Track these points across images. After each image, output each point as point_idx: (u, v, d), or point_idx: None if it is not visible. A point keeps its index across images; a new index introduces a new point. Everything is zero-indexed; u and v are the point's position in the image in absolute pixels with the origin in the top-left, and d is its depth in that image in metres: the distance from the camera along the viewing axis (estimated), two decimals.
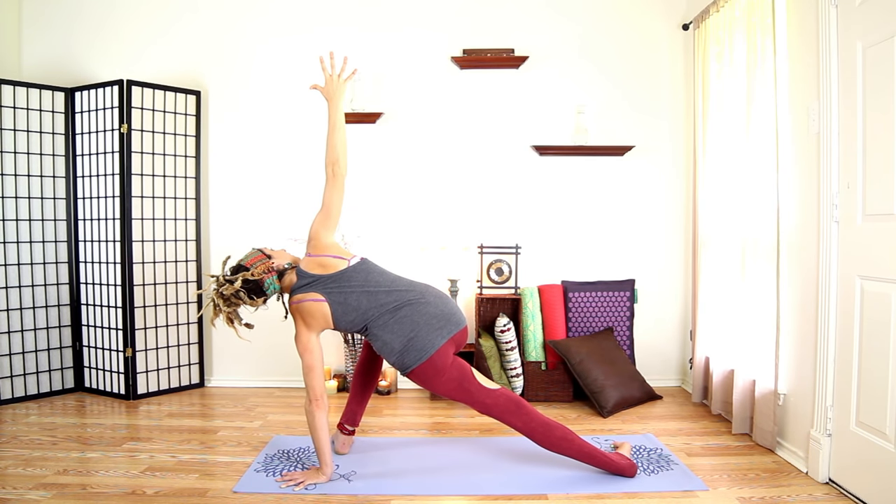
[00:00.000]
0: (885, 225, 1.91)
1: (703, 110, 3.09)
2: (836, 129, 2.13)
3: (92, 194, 3.27)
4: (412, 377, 2.15)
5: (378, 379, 2.58)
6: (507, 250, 3.40)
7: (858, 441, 2.02)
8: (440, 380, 2.12)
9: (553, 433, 2.15)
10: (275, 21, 3.48)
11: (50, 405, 3.13)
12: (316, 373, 2.12)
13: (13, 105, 3.15)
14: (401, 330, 2.12)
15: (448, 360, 2.13)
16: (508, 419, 2.15)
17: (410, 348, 2.10)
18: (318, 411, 2.11)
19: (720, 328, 2.91)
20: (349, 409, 2.51)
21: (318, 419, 2.11)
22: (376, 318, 2.14)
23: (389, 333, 2.13)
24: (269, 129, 3.51)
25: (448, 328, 2.15)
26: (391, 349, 2.12)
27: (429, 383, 2.14)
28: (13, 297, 3.17)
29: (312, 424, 2.12)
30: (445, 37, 3.46)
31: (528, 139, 3.48)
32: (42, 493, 2.08)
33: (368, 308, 2.14)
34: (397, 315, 2.14)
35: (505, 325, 3.17)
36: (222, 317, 2.18)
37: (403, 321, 2.13)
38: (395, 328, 2.12)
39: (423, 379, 2.14)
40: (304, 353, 2.14)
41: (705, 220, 3.08)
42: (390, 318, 2.14)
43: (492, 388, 2.15)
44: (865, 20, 1.98)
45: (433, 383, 2.14)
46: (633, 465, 2.23)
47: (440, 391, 2.16)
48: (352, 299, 2.14)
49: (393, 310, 2.14)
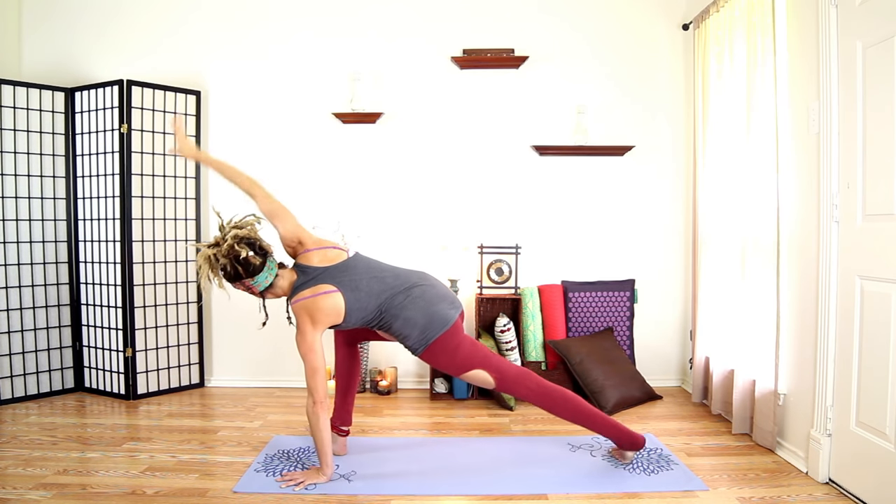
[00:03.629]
0: (885, 225, 1.91)
1: (703, 110, 3.09)
2: (836, 129, 2.13)
3: (92, 194, 3.27)
4: (433, 351, 2.17)
5: (359, 374, 2.54)
6: (507, 250, 3.40)
7: (858, 441, 2.02)
8: (461, 349, 2.20)
9: (568, 403, 2.24)
10: (274, 21, 3.48)
11: (50, 405, 3.13)
12: (320, 375, 2.10)
13: (13, 105, 3.15)
14: (420, 306, 2.18)
15: (463, 332, 2.24)
16: (524, 383, 2.23)
17: (433, 321, 2.16)
18: (322, 413, 2.10)
19: (720, 328, 2.91)
20: (341, 410, 2.48)
21: (322, 421, 2.10)
22: (391, 299, 2.17)
23: (410, 310, 2.17)
24: (269, 129, 3.51)
25: (455, 306, 2.26)
26: (415, 323, 2.16)
27: (448, 355, 2.19)
28: (13, 297, 3.17)
29: (316, 426, 2.11)
30: (445, 37, 3.46)
31: (528, 139, 3.48)
32: (42, 493, 2.08)
33: (381, 291, 2.18)
34: (411, 294, 2.19)
35: (505, 325, 3.17)
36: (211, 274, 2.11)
37: (418, 300, 2.18)
38: (413, 305, 2.17)
39: (443, 349, 2.18)
40: (308, 354, 2.09)
41: (705, 220, 3.08)
42: (404, 297, 2.18)
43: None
44: (865, 20, 1.98)
45: (454, 354, 2.20)
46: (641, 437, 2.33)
47: (460, 360, 2.21)
48: (363, 285, 2.17)
49: (405, 290, 2.20)
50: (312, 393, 2.09)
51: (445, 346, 2.18)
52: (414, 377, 3.53)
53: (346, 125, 3.48)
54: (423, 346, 2.17)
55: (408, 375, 3.52)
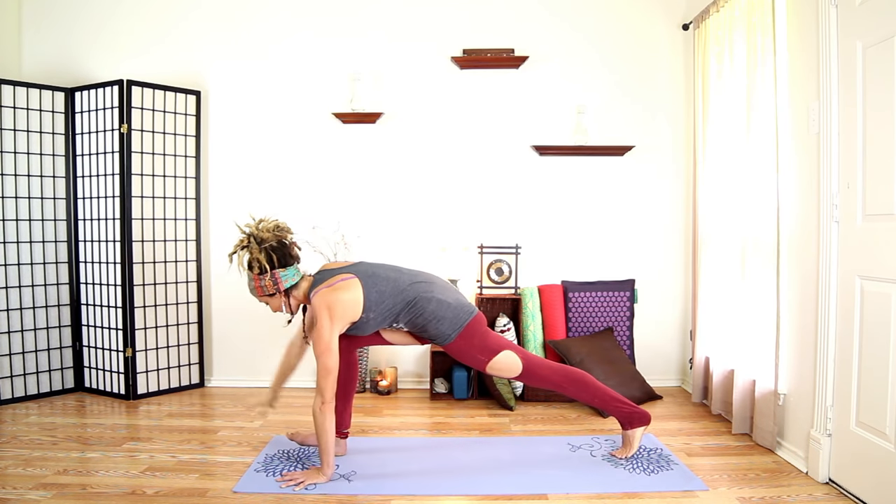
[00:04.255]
0: (885, 225, 1.91)
1: (703, 110, 3.09)
2: (836, 129, 2.13)
3: (92, 194, 3.27)
4: (468, 333, 2.22)
5: (357, 379, 2.51)
6: (507, 250, 3.40)
7: (858, 441, 2.02)
8: (489, 334, 2.28)
9: (588, 386, 2.32)
10: (274, 21, 3.48)
11: (50, 405, 3.13)
12: (332, 377, 2.08)
13: (13, 105, 3.15)
14: (448, 292, 2.26)
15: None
16: (548, 364, 2.33)
17: (461, 304, 2.25)
18: (329, 413, 2.09)
19: (720, 328, 2.91)
20: (342, 415, 2.42)
21: (329, 421, 2.10)
22: (414, 286, 2.21)
23: (440, 293, 2.22)
24: (269, 128, 3.51)
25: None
26: (447, 305, 2.21)
27: (480, 337, 2.25)
28: (13, 297, 3.17)
29: (322, 426, 2.10)
30: (445, 37, 3.46)
31: (528, 139, 3.48)
32: (42, 493, 2.08)
33: (399, 278, 2.22)
34: (433, 282, 2.28)
35: (505, 325, 3.17)
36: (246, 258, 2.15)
37: (443, 287, 2.27)
38: (440, 292, 2.23)
39: (475, 331, 2.24)
40: (325, 353, 2.06)
41: (705, 219, 3.08)
42: (428, 285, 2.25)
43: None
44: (865, 20, 1.98)
45: (485, 337, 2.26)
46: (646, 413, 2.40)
47: (492, 342, 2.26)
48: (381, 271, 2.23)
49: (426, 280, 2.27)
50: (322, 393, 2.08)
51: (476, 329, 2.25)
52: (414, 377, 3.53)
53: (346, 125, 3.48)
54: (459, 328, 2.21)
55: (407, 375, 3.52)
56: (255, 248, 2.12)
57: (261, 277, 2.14)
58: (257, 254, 2.12)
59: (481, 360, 2.26)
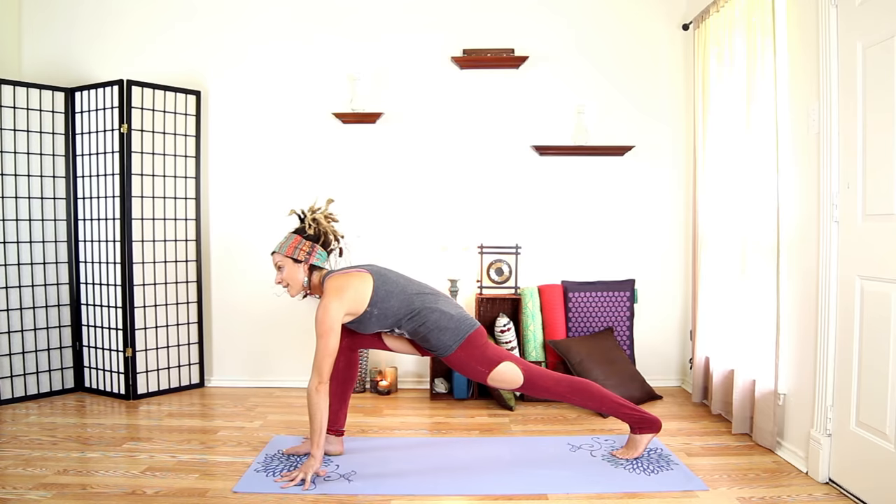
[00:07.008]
0: (885, 225, 1.91)
1: (703, 110, 3.09)
2: (836, 129, 2.13)
3: (92, 194, 3.27)
4: (469, 345, 2.24)
5: (355, 381, 2.50)
6: (507, 250, 3.40)
7: (858, 441, 2.02)
8: (489, 346, 2.30)
9: (594, 394, 2.32)
10: (274, 20, 3.48)
11: (50, 405, 3.13)
12: (331, 358, 2.12)
13: (13, 105, 3.14)
14: (451, 304, 2.32)
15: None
16: (550, 375, 2.34)
17: (463, 316, 2.29)
18: (324, 392, 2.12)
19: (720, 328, 2.91)
20: (337, 415, 2.42)
21: (324, 400, 2.13)
22: (421, 296, 2.27)
23: (444, 306, 2.27)
24: (269, 129, 3.51)
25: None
26: (450, 316, 2.24)
27: (481, 349, 2.26)
28: (13, 297, 3.17)
29: (317, 405, 2.11)
30: (445, 37, 3.46)
31: (528, 139, 3.48)
32: (42, 493, 2.08)
33: (407, 286, 2.29)
34: (438, 295, 2.33)
35: (505, 325, 3.17)
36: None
37: (447, 300, 2.33)
38: (445, 303, 2.30)
39: (476, 343, 2.26)
40: (328, 333, 2.09)
41: (705, 219, 3.08)
42: (434, 297, 2.30)
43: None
44: (865, 20, 1.98)
45: (485, 349, 2.27)
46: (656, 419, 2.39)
47: (492, 353, 2.28)
48: (391, 275, 2.30)
49: (432, 292, 2.33)
50: (319, 373, 2.10)
51: (477, 340, 2.27)
52: (414, 377, 3.53)
53: (346, 125, 3.48)
54: (461, 339, 2.23)
55: (407, 375, 3.52)
56: (312, 225, 2.32)
57: (301, 241, 2.28)
58: (322, 223, 2.32)
59: (482, 371, 2.26)
